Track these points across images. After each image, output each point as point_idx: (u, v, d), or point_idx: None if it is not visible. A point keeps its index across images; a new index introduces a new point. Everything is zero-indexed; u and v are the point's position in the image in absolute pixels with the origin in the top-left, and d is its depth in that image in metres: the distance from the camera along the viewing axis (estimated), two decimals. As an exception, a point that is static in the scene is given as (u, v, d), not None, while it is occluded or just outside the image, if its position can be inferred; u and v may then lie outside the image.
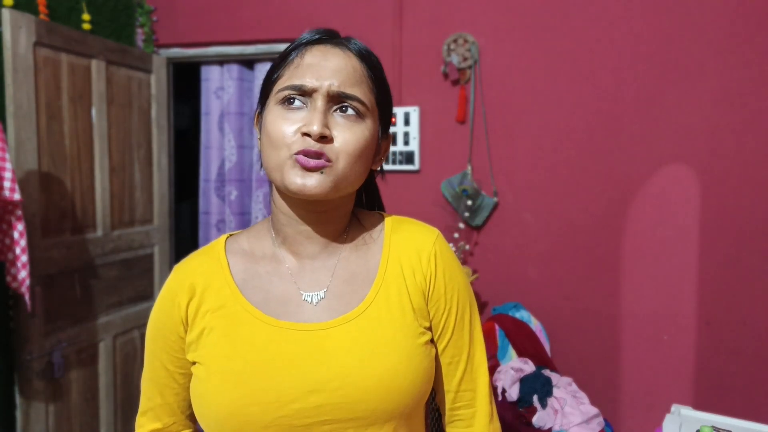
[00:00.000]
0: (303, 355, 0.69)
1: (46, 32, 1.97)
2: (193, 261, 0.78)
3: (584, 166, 2.14)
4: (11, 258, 1.74)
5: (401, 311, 0.74)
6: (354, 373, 0.68)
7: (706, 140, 1.99)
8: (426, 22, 2.30)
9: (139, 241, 2.50)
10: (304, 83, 0.69)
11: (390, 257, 0.77)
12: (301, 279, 0.75)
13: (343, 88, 0.69)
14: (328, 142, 0.68)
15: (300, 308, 0.73)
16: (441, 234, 0.81)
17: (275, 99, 0.71)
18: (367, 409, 0.68)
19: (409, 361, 0.71)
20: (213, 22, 2.58)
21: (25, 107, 1.91)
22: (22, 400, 1.96)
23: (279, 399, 0.67)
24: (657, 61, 2.02)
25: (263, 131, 0.72)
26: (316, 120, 0.67)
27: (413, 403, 0.71)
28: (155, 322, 0.77)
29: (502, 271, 2.26)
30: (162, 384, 0.77)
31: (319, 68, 0.70)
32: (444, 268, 0.77)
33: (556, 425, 1.72)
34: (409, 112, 2.31)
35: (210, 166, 2.85)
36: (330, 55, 0.71)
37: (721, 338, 1.99)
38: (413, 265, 0.76)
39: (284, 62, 0.73)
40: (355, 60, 0.72)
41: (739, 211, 1.96)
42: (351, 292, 0.74)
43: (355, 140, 0.70)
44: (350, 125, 0.70)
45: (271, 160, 0.70)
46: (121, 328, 2.40)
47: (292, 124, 0.68)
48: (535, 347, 2.03)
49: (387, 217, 0.83)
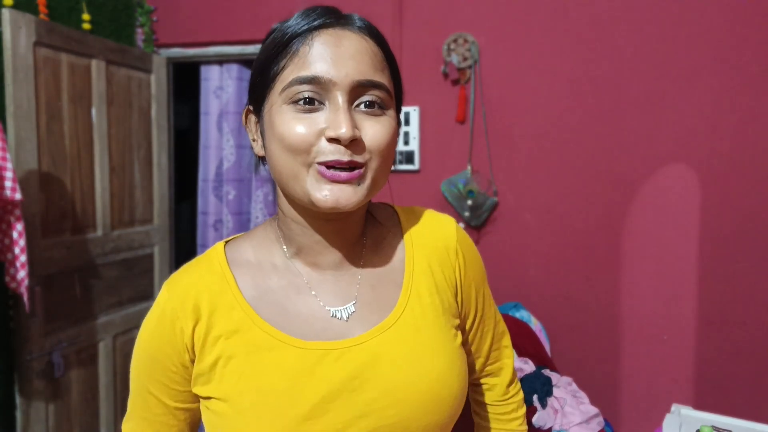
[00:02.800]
0: (342, 376, 0.61)
1: (46, 32, 1.97)
2: (191, 275, 0.67)
3: (584, 166, 2.14)
4: (10, 258, 1.73)
5: (434, 313, 0.68)
6: (402, 388, 0.62)
7: (706, 140, 1.98)
8: (426, 22, 2.29)
9: (139, 241, 2.50)
10: (319, 74, 0.58)
11: (415, 254, 0.71)
12: (324, 293, 0.66)
13: (367, 75, 0.59)
14: (357, 143, 0.59)
15: (329, 325, 0.64)
16: (454, 219, 0.78)
17: (284, 97, 0.59)
18: (419, 426, 0.62)
19: (452, 366, 0.66)
20: (213, 22, 2.58)
21: (25, 107, 1.90)
22: (22, 400, 1.96)
23: (325, 429, 0.59)
24: (657, 61, 2.02)
25: (271, 134, 0.61)
26: (344, 121, 0.57)
27: (459, 410, 0.67)
28: (149, 351, 0.65)
29: (502, 271, 2.26)
30: (159, 423, 0.67)
31: (334, 56, 0.58)
32: (470, 256, 0.75)
33: (556, 425, 1.72)
34: (409, 112, 2.31)
35: (208, 165, 2.84)
36: (344, 39, 0.60)
37: (721, 338, 1.99)
38: (442, 260, 0.72)
39: (284, 52, 0.60)
40: (371, 42, 0.62)
41: (739, 211, 1.96)
42: (381, 298, 0.67)
43: (386, 135, 0.61)
44: (377, 119, 0.61)
45: (287, 168, 0.60)
46: (121, 328, 2.40)
47: (311, 126, 0.58)
48: (535, 347, 2.03)
49: (396, 207, 0.77)
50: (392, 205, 0.78)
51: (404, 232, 0.73)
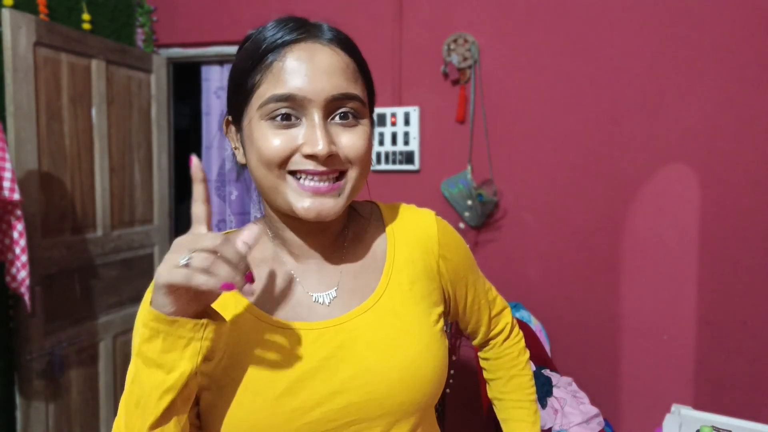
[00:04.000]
0: (321, 355, 0.65)
1: (46, 32, 1.97)
2: None
3: (584, 166, 2.14)
4: (11, 258, 1.74)
5: (414, 299, 0.72)
6: (377, 367, 0.65)
7: (706, 140, 1.98)
8: (426, 22, 2.29)
9: (139, 241, 2.50)
10: (293, 92, 0.60)
11: (396, 245, 0.75)
12: (308, 280, 0.71)
13: (341, 89, 0.62)
14: (333, 157, 0.62)
15: (311, 310, 0.69)
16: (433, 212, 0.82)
17: (260, 113, 0.62)
18: (394, 403, 0.66)
19: (428, 349, 0.69)
20: (213, 22, 2.58)
21: (25, 107, 1.90)
22: (22, 400, 1.96)
23: (302, 405, 0.62)
24: (657, 61, 2.02)
25: (251, 147, 0.64)
26: (321, 138, 0.60)
27: (436, 391, 0.70)
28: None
29: (502, 271, 2.26)
30: None
31: (308, 72, 0.61)
32: (452, 244, 0.79)
33: (556, 425, 1.72)
34: (409, 112, 2.31)
35: (211, 166, 2.85)
36: (317, 53, 0.62)
37: (721, 338, 1.99)
38: (423, 250, 0.76)
39: (259, 67, 0.63)
40: (342, 54, 0.64)
41: (739, 211, 1.96)
42: (362, 285, 0.72)
43: (362, 144, 0.64)
44: (352, 129, 0.64)
45: (265, 182, 0.64)
46: (121, 328, 2.40)
47: (288, 141, 0.61)
48: (535, 347, 2.03)
49: (378, 203, 0.82)
50: (374, 201, 0.83)
51: (386, 225, 0.77)
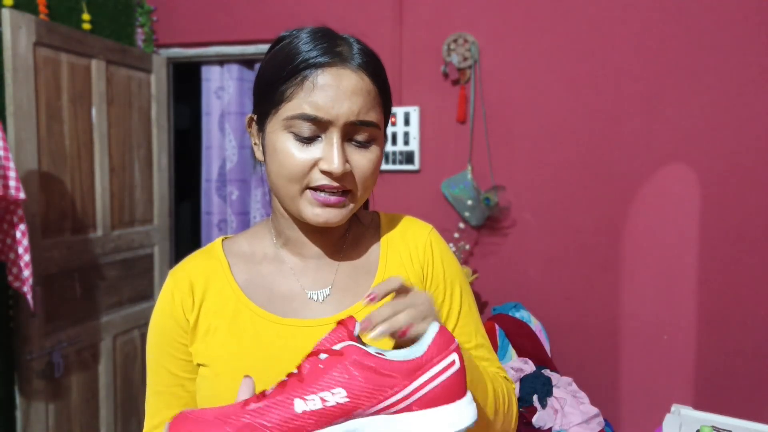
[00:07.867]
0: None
1: (46, 32, 1.97)
2: (189, 262, 0.78)
3: (584, 166, 2.14)
4: (13, 258, 1.74)
5: None
6: None
7: (706, 140, 1.99)
8: (426, 22, 2.29)
9: (139, 241, 2.50)
10: (319, 115, 0.66)
11: (389, 249, 0.80)
12: (305, 278, 0.76)
13: (360, 116, 0.67)
14: (347, 175, 0.68)
15: (306, 306, 0.74)
16: (434, 228, 0.84)
17: (286, 125, 0.67)
18: None
19: None
20: (213, 22, 2.58)
21: (25, 107, 1.90)
22: (22, 400, 1.96)
23: None
24: (657, 61, 2.02)
25: (273, 154, 0.69)
26: (337, 157, 0.66)
27: None
28: (157, 328, 0.75)
29: (502, 271, 2.26)
30: (169, 394, 0.74)
31: (335, 96, 0.66)
32: (441, 255, 0.81)
33: (556, 425, 1.72)
34: (409, 112, 2.31)
35: (211, 166, 2.85)
36: (344, 78, 0.67)
37: (721, 338, 1.99)
38: (411, 254, 0.79)
39: (293, 78, 0.68)
40: (367, 80, 0.69)
41: (739, 211, 1.96)
42: (355, 285, 0.76)
43: (372, 166, 0.70)
44: (366, 151, 0.70)
45: (283, 190, 0.69)
46: (121, 328, 2.40)
47: (307, 156, 0.67)
48: (535, 347, 2.03)
49: (380, 213, 0.86)
50: (378, 212, 0.87)
51: (382, 233, 0.82)
